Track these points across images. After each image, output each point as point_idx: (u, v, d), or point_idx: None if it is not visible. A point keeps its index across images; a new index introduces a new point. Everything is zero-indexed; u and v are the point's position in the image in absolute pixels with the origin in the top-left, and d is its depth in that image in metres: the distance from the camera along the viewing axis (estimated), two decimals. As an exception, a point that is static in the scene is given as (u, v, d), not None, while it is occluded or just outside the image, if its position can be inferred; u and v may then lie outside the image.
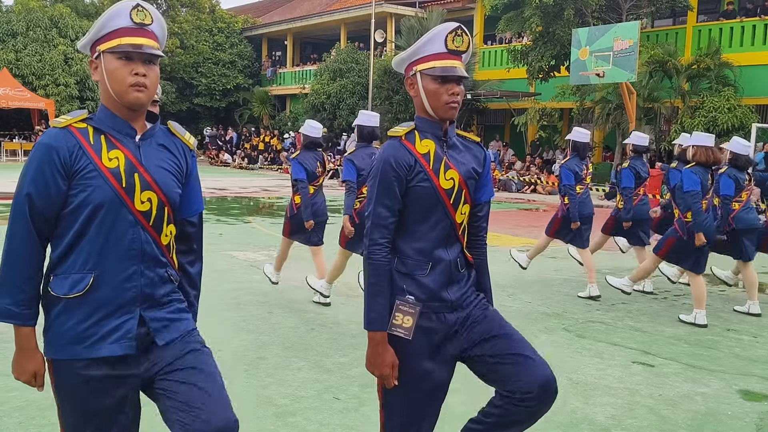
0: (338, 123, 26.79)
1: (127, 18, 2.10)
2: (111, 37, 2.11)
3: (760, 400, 4.27)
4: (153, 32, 2.15)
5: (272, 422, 3.65)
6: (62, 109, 27.96)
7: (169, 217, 2.19)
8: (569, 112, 22.64)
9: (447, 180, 2.42)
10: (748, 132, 17.12)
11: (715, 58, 18.34)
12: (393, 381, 2.44)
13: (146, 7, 2.14)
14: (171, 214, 2.19)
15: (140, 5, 2.12)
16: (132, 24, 2.10)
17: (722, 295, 7.38)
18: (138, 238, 2.11)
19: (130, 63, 2.08)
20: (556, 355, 5.00)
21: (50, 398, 3.93)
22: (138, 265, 2.11)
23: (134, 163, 2.10)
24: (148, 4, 2.16)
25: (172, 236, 2.23)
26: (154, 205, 2.13)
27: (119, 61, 2.08)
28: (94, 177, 2.06)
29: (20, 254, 2.07)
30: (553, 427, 3.72)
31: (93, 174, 2.06)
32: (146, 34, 2.12)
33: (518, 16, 20.58)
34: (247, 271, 7.77)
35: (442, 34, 2.40)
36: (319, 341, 5.14)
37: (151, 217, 2.12)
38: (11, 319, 2.09)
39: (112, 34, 2.11)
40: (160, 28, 2.19)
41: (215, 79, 33.18)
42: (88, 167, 2.06)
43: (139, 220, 2.10)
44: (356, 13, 28.84)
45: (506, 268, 7.73)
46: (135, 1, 2.12)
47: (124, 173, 2.08)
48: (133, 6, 2.11)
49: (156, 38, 2.16)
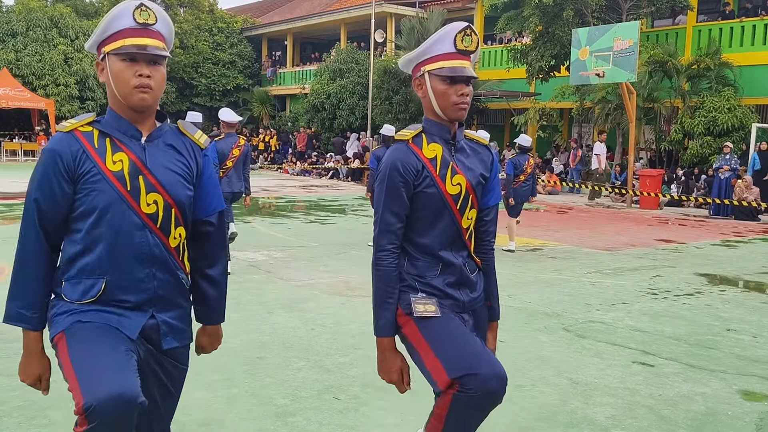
0: (338, 123, 26.79)
1: (130, 18, 2.06)
2: (115, 38, 2.07)
3: (760, 400, 4.27)
4: (158, 32, 2.11)
5: (272, 422, 3.65)
6: (62, 109, 27.99)
7: (178, 219, 2.15)
8: (569, 112, 22.64)
9: (454, 185, 2.39)
10: (748, 132, 17.13)
11: (715, 58, 18.34)
12: (404, 387, 2.42)
13: (150, 6, 2.10)
14: (179, 216, 2.15)
15: (144, 4, 2.08)
16: (135, 24, 2.06)
17: (722, 295, 7.38)
18: (146, 241, 2.09)
19: (134, 64, 2.05)
20: (556, 355, 5.00)
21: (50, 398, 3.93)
22: (150, 268, 2.10)
23: (138, 166, 2.08)
24: (152, 2, 2.13)
25: (182, 239, 2.19)
26: (161, 207, 2.10)
27: (123, 62, 2.06)
28: (98, 181, 2.06)
29: (32, 259, 2.08)
30: (553, 427, 3.73)
31: (97, 178, 2.05)
32: (151, 34, 2.09)
33: (518, 16, 20.58)
34: (247, 271, 7.77)
35: (451, 33, 2.36)
36: (319, 341, 5.14)
37: (158, 220, 2.10)
38: (22, 322, 2.11)
39: (116, 35, 2.07)
40: (166, 27, 2.15)
41: (215, 79, 33.16)
42: (92, 171, 2.05)
43: (147, 223, 2.08)
44: (356, 13, 28.83)
45: (506, 268, 7.73)
46: (138, 1, 2.08)
47: (128, 176, 2.06)
48: (136, 6, 2.07)
49: (162, 38, 2.12)
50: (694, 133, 17.87)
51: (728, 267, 9.01)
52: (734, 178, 15.90)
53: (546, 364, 4.78)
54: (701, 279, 8.14)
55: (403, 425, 3.67)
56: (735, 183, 15.81)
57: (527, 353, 5.02)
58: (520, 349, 5.10)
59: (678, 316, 6.21)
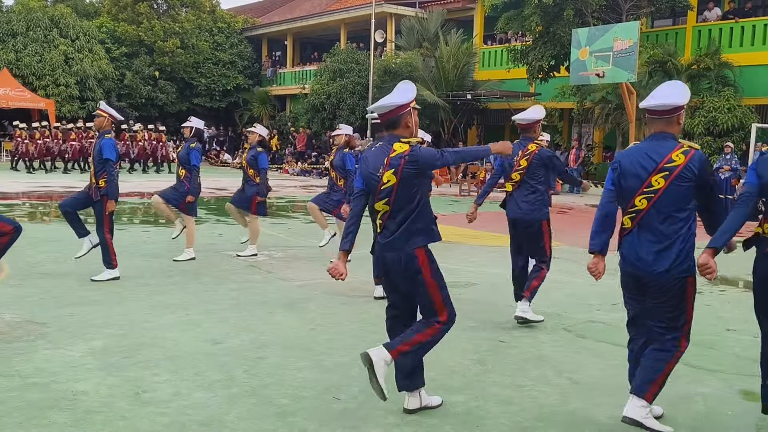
0: (338, 123, 26.75)
1: None
2: None
3: (760, 400, 4.27)
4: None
5: (272, 422, 3.65)
6: (62, 109, 27.97)
7: None
8: (569, 112, 22.65)
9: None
10: (748, 132, 17.12)
11: (715, 58, 18.34)
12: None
13: None
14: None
15: None
16: None
17: (722, 295, 7.38)
18: None
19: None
20: (556, 355, 5.00)
21: (51, 398, 3.92)
22: None
23: None
24: None
25: None
26: None
27: None
28: None
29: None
30: (553, 427, 3.73)
31: None
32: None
33: (518, 15, 20.57)
34: (247, 271, 7.77)
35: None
36: (319, 341, 5.14)
37: None
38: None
39: None
40: None
41: (215, 79, 33.13)
42: None
43: None
44: (356, 13, 28.82)
45: (505, 269, 7.71)
46: None
47: None
48: None
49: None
50: (694, 133, 17.87)
51: (728, 267, 9.00)
52: (735, 179, 15.89)
53: (546, 364, 4.78)
54: (701, 279, 8.11)
55: (403, 425, 3.67)
56: (735, 183, 15.80)
57: (527, 353, 5.02)
58: (520, 349, 5.10)
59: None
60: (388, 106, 3.69)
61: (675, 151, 3.53)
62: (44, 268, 7.47)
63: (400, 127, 3.71)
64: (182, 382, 4.16)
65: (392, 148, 3.65)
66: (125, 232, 10.36)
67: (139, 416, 3.66)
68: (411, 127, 3.74)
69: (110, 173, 6.85)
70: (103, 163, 6.85)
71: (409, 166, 3.61)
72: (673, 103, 3.56)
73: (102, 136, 6.98)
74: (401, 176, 3.62)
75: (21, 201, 14.55)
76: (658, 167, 3.52)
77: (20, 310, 5.67)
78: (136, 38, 31.16)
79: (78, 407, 3.73)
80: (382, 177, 3.65)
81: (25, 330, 5.03)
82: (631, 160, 3.64)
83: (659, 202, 3.54)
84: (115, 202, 6.92)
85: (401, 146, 3.65)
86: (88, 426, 3.51)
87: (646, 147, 3.62)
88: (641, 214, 3.59)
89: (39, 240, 9.26)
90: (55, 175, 21.85)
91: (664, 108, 3.57)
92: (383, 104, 3.72)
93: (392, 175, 3.63)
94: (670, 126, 3.62)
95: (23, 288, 6.50)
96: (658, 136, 3.62)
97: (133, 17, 31.46)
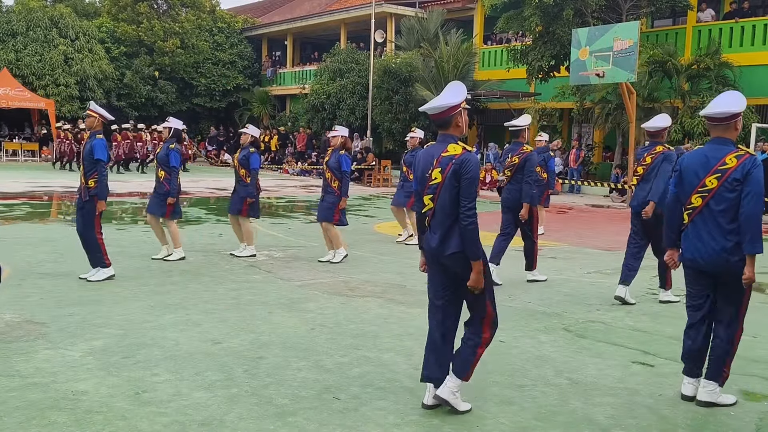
0: (338, 123, 26.76)
1: None
2: None
3: (760, 400, 4.28)
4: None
5: (272, 422, 3.66)
6: (62, 109, 27.98)
7: None
8: (569, 112, 22.64)
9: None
10: (748, 132, 17.12)
11: (715, 58, 18.33)
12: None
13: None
14: None
15: None
16: None
17: (722, 295, 7.36)
18: None
19: None
20: (556, 355, 5.00)
21: (51, 398, 3.92)
22: None
23: None
24: None
25: None
26: None
27: None
28: None
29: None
30: (553, 427, 3.73)
31: None
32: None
33: (518, 15, 20.56)
34: (246, 271, 7.77)
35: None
36: (319, 341, 5.14)
37: None
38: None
39: None
40: None
41: (215, 79, 33.13)
42: None
43: None
44: (356, 13, 28.82)
45: (505, 268, 7.72)
46: None
47: None
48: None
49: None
50: (694, 133, 17.86)
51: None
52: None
53: (546, 364, 4.78)
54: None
55: (403, 425, 3.68)
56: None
57: (527, 353, 5.02)
58: (520, 349, 5.10)
59: (678, 316, 6.20)
60: (442, 106, 3.78)
61: (730, 155, 3.99)
62: (44, 268, 7.47)
63: (451, 127, 3.82)
64: (182, 382, 4.16)
65: (446, 148, 3.77)
66: (125, 232, 10.36)
67: (139, 416, 3.66)
68: (461, 126, 3.84)
69: (101, 174, 6.83)
70: (94, 164, 6.84)
71: (454, 171, 3.72)
72: (731, 111, 4.01)
73: (93, 137, 6.97)
74: (446, 177, 3.73)
75: (22, 201, 14.52)
76: (714, 169, 3.99)
77: (20, 310, 5.67)
78: (135, 38, 31.15)
79: (78, 407, 3.73)
80: (431, 173, 3.78)
81: (25, 330, 5.04)
82: (691, 162, 4.17)
83: (712, 200, 4.01)
84: (105, 202, 6.92)
85: (455, 148, 3.76)
86: (88, 426, 3.51)
87: (707, 150, 4.11)
88: (696, 211, 4.08)
89: (39, 240, 9.26)
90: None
91: (724, 115, 4.03)
92: (436, 105, 3.79)
93: (439, 173, 3.75)
94: (728, 131, 4.11)
95: (23, 288, 6.50)
96: (717, 140, 4.11)
97: (133, 17, 31.46)
